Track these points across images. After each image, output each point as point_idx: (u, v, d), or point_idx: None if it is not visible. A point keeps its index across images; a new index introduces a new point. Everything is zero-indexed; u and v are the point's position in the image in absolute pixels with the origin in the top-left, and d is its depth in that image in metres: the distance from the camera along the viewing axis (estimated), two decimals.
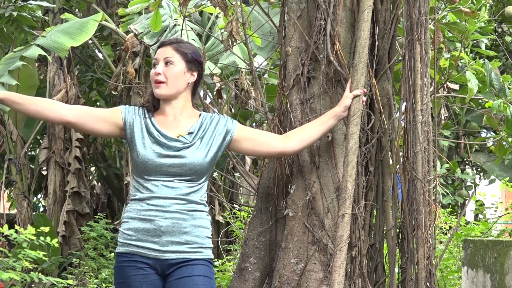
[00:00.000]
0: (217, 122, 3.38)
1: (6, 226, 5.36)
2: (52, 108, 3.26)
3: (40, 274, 5.28)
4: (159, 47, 3.38)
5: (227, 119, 3.42)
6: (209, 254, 3.29)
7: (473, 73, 5.52)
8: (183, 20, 5.34)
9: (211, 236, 3.33)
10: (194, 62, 3.38)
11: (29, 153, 10.57)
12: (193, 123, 3.35)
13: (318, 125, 3.62)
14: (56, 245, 5.43)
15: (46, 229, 5.58)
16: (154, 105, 3.37)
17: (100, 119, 3.30)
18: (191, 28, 6.95)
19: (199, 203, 3.27)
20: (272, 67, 7.95)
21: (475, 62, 5.65)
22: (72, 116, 3.26)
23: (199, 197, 3.28)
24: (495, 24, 10.07)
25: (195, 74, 3.39)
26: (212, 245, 3.33)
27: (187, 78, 3.36)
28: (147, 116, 3.32)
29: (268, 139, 3.52)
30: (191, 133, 3.30)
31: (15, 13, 7.57)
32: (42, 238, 5.37)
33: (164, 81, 3.31)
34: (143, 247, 3.20)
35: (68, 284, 5.69)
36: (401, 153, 4.08)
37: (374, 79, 3.92)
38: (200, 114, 3.41)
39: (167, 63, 3.33)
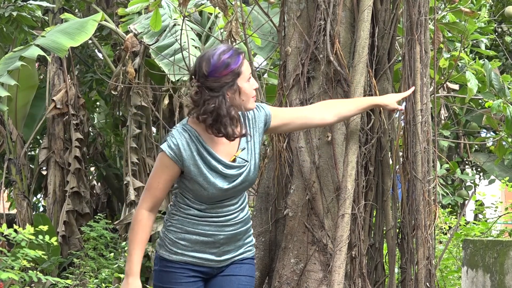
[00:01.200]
0: (254, 119, 3.21)
1: (5, 226, 5.35)
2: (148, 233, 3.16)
3: (39, 273, 5.27)
4: (244, 58, 3.10)
5: (261, 110, 3.24)
6: (254, 250, 3.32)
7: (473, 73, 5.51)
8: (183, 20, 5.34)
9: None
10: None
11: (29, 153, 10.56)
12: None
13: (359, 109, 3.53)
14: (55, 243, 5.42)
15: (45, 227, 5.57)
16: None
17: (171, 185, 3.16)
18: (191, 28, 6.95)
19: (246, 206, 3.24)
20: (272, 67, 7.95)
21: (475, 62, 5.65)
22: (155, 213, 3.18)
23: (245, 201, 3.24)
24: (495, 24, 10.07)
25: None
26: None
27: None
28: (194, 139, 3.09)
29: (304, 120, 3.36)
30: (244, 148, 3.15)
31: (15, 13, 7.57)
32: (41, 237, 5.36)
33: None
34: (200, 258, 3.16)
35: (67, 284, 5.68)
36: (401, 153, 4.08)
37: (374, 79, 3.92)
38: None
39: None
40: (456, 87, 7.23)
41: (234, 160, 3.11)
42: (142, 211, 3.12)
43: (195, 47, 6.71)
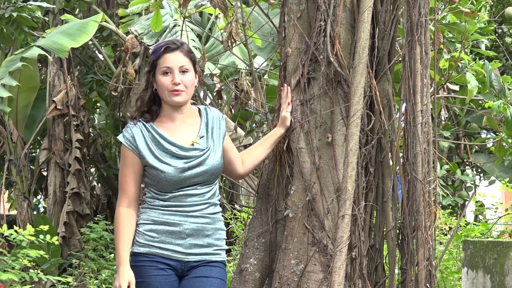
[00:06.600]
0: (219, 121, 3.38)
1: (5, 226, 5.34)
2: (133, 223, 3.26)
3: (39, 272, 5.26)
4: (165, 52, 3.25)
5: (224, 122, 3.42)
6: (225, 256, 3.36)
7: (473, 74, 5.51)
8: (183, 20, 5.34)
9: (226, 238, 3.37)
10: (195, 64, 3.38)
11: (30, 154, 10.57)
12: (198, 123, 3.33)
13: (266, 149, 3.68)
14: (56, 242, 5.42)
15: (45, 227, 5.58)
16: (154, 114, 3.30)
17: (139, 177, 3.27)
18: (191, 28, 6.95)
19: (216, 204, 3.31)
20: (272, 68, 7.95)
21: (475, 63, 5.65)
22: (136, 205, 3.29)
23: (216, 198, 3.31)
24: (495, 25, 10.07)
25: (197, 75, 3.40)
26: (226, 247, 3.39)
27: (195, 81, 3.37)
28: (149, 129, 3.25)
29: (236, 161, 3.52)
30: (202, 136, 3.29)
31: (15, 14, 7.58)
32: (41, 237, 5.35)
33: (184, 90, 3.27)
34: (167, 249, 3.21)
35: (67, 281, 5.68)
36: (401, 154, 4.08)
37: (374, 80, 3.92)
38: (199, 110, 3.39)
39: (183, 71, 3.27)
40: (457, 88, 7.23)
41: (192, 145, 3.25)
42: (119, 209, 3.24)
43: (195, 48, 6.71)
